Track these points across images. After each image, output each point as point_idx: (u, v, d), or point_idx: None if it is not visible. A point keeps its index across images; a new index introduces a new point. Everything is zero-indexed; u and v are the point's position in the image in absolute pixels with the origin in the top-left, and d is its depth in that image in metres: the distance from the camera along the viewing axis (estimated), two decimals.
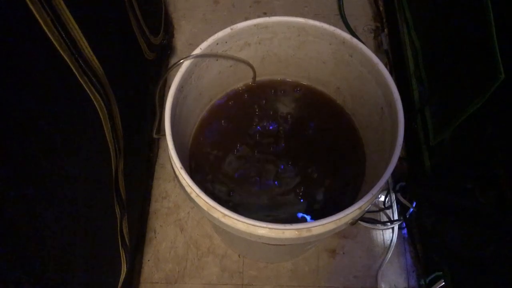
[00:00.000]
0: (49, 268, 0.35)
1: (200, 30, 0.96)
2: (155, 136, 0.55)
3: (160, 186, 0.80)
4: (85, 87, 0.38)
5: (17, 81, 0.29)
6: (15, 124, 0.29)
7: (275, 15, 0.51)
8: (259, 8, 0.97)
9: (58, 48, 0.33)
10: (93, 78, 0.39)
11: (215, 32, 0.49)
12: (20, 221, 0.30)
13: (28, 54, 0.30)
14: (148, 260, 0.75)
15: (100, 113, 0.42)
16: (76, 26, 0.35)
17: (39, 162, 0.33)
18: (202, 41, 0.48)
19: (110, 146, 0.47)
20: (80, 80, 0.37)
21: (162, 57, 0.87)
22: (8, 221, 0.29)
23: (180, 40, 0.95)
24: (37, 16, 0.29)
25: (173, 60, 0.92)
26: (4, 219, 0.29)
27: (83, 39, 0.37)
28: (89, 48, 0.38)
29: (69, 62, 0.35)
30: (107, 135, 0.45)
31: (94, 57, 0.39)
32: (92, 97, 0.40)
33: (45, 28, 0.31)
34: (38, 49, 0.31)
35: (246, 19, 0.50)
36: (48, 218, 0.34)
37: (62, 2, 0.32)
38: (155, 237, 0.76)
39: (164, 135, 0.45)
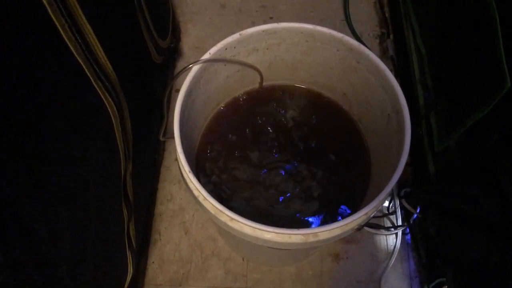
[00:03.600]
0: (61, 267, 0.36)
1: (207, 33, 0.97)
2: (162, 138, 0.56)
3: (165, 189, 0.81)
4: (99, 91, 0.39)
5: (35, 85, 0.30)
6: (31, 127, 0.30)
7: (281, 20, 0.51)
8: (265, 13, 0.98)
9: (74, 53, 0.33)
10: (106, 82, 0.40)
11: (222, 36, 0.50)
12: (35, 221, 0.31)
13: (46, 58, 0.31)
14: (153, 262, 0.75)
15: (112, 117, 0.43)
16: (91, 31, 0.36)
17: (54, 164, 0.33)
18: (209, 45, 0.49)
19: (120, 149, 0.47)
20: (94, 85, 0.38)
21: (169, 61, 0.88)
22: (23, 221, 0.30)
23: (187, 43, 0.95)
24: (55, 21, 0.30)
25: (179, 64, 0.93)
26: (20, 219, 0.29)
27: (98, 44, 0.37)
28: (103, 53, 0.38)
29: (84, 67, 0.35)
30: (118, 138, 0.46)
31: (108, 62, 0.40)
32: (105, 101, 0.41)
33: (62, 33, 0.31)
34: (55, 54, 0.32)
35: (253, 23, 0.51)
36: (62, 218, 0.34)
37: (78, 8, 0.33)
38: (160, 239, 0.77)
39: (171, 137, 0.46)
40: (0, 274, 0.27)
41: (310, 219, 0.53)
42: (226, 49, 0.51)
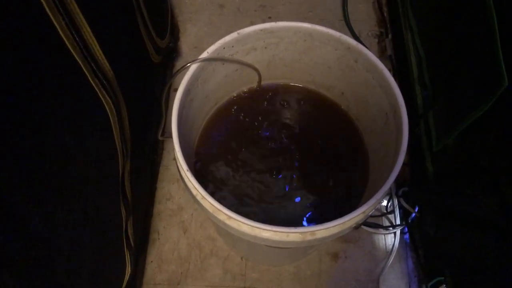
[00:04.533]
0: (59, 266, 0.36)
1: (205, 33, 0.97)
2: (160, 138, 0.56)
3: (164, 188, 0.81)
4: (97, 90, 0.39)
5: (33, 83, 0.30)
6: (29, 125, 0.30)
7: (280, 19, 0.51)
8: (264, 13, 0.98)
9: (72, 51, 0.33)
10: (104, 81, 0.40)
11: (220, 36, 0.50)
12: (33, 220, 0.31)
13: (44, 56, 0.31)
14: (151, 261, 0.75)
15: (110, 115, 0.43)
16: (89, 30, 0.36)
17: (51, 162, 0.33)
18: (208, 44, 0.49)
19: (118, 148, 0.47)
20: (92, 83, 0.38)
21: (168, 60, 0.88)
22: (21, 219, 0.30)
23: (185, 43, 0.95)
24: (53, 20, 0.30)
25: (178, 63, 0.93)
26: (17, 218, 0.30)
27: (95, 42, 0.37)
28: (100, 51, 0.38)
29: (82, 65, 0.35)
30: (115, 137, 0.46)
31: (105, 60, 0.40)
32: (103, 100, 0.41)
33: (60, 31, 0.31)
34: (53, 52, 0.32)
35: (251, 23, 0.51)
36: (59, 217, 0.34)
37: (76, 7, 0.33)
38: (159, 239, 0.77)
39: (169, 137, 0.46)
40: None
41: (308, 218, 0.53)
42: (224, 48, 0.51)
